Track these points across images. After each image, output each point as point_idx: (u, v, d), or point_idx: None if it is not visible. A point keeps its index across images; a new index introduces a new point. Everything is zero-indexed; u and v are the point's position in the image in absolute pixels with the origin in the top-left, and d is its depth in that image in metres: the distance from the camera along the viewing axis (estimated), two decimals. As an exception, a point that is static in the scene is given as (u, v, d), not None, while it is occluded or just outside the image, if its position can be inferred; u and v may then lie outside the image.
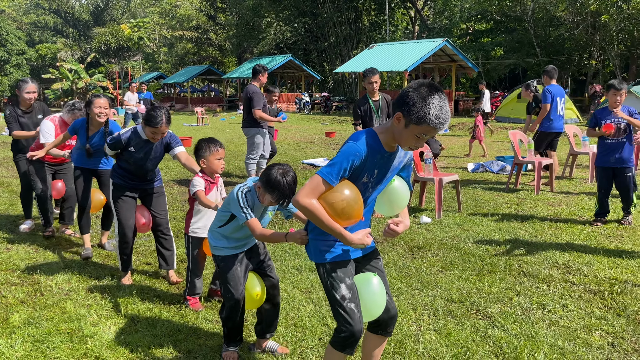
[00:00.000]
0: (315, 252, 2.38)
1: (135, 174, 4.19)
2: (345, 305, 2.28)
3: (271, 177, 2.72)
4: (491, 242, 5.22)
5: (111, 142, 4.09)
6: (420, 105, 2.03)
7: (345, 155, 2.16)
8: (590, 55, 28.18)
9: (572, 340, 3.20)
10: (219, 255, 3.04)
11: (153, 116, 3.87)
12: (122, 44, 38.99)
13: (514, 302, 3.79)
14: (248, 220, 2.79)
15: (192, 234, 3.74)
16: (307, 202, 2.17)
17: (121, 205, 4.20)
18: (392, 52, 24.69)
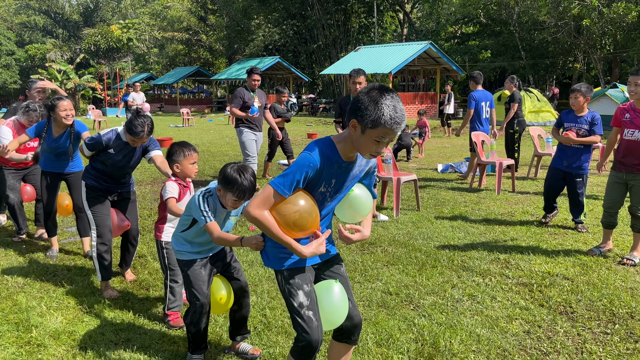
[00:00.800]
0: (273, 259, 2.33)
1: (111, 176, 4.09)
2: (303, 313, 2.24)
3: (227, 174, 2.70)
4: (440, 238, 5.42)
5: (90, 143, 3.96)
6: (373, 108, 1.99)
7: (298, 167, 2.11)
8: (575, 59, 28.56)
9: (490, 328, 3.39)
10: (182, 259, 3.02)
11: (135, 126, 3.78)
12: (112, 45, 39.01)
13: (447, 294, 3.97)
14: (207, 223, 2.76)
15: (167, 239, 3.53)
16: (257, 213, 2.13)
17: (96, 206, 4.06)
18: (377, 54, 24.92)
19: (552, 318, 3.55)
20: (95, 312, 3.71)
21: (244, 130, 7.69)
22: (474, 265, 4.58)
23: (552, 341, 3.23)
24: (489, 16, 29.50)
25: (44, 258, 4.96)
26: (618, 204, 4.71)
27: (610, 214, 4.74)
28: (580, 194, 5.58)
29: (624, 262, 4.56)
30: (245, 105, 7.58)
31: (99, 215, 4.05)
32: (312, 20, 34.44)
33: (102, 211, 4.07)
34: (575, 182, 5.56)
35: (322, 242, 2.24)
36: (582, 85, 5.57)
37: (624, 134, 4.62)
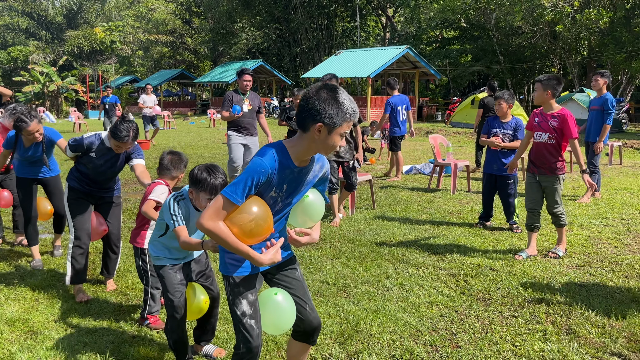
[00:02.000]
0: (223, 264, 2.35)
1: (94, 180, 4.08)
2: (245, 321, 2.28)
3: (195, 175, 2.74)
4: (387, 234, 5.75)
5: (73, 144, 3.95)
6: (336, 108, 2.05)
7: (249, 172, 2.09)
8: (552, 64, 29.18)
9: (410, 313, 3.72)
10: (158, 265, 3.06)
11: (120, 130, 3.76)
12: (95, 47, 39.00)
13: (380, 284, 4.30)
14: (176, 227, 2.79)
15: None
16: (210, 225, 2.09)
17: (76, 208, 4.04)
18: (357, 58, 25.31)
19: (469, 304, 3.89)
20: (50, 303, 3.98)
21: (230, 134, 7.45)
22: (412, 258, 4.92)
23: (462, 323, 3.57)
24: (469, 21, 30.07)
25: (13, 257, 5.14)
26: (538, 203, 4.92)
27: (533, 214, 4.93)
28: (510, 195, 5.83)
29: (549, 255, 4.90)
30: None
31: (78, 218, 4.03)
32: (295, 23, 34.79)
33: (81, 214, 4.04)
34: (506, 184, 5.81)
35: (277, 249, 2.23)
36: (504, 93, 5.96)
37: (534, 136, 4.91)
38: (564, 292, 4.07)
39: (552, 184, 4.81)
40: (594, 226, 5.97)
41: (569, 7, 22.39)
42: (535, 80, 5.49)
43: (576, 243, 5.32)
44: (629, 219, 6.29)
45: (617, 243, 5.33)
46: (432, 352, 3.20)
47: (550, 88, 4.73)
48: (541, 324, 3.54)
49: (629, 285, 4.21)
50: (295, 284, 2.44)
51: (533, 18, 24.26)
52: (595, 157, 7.45)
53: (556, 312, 3.72)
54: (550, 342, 3.27)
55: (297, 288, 2.43)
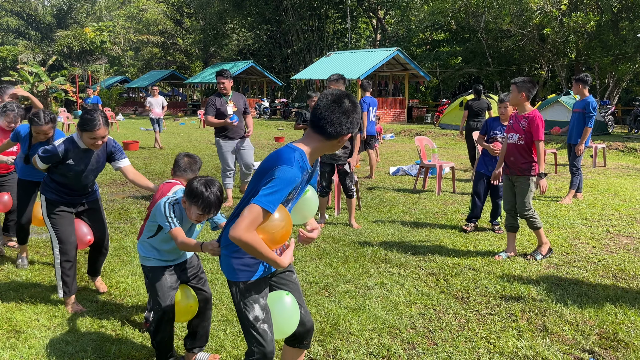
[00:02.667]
0: (230, 270, 2.30)
1: (74, 187, 3.83)
2: (259, 326, 2.26)
3: (192, 187, 2.69)
4: (372, 235, 5.82)
5: (45, 156, 3.64)
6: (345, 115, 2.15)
7: (285, 183, 2.08)
8: (540, 66, 29.47)
9: (390, 311, 3.79)
10: (147, 265, 3.01)
11: (89, 119, 3.51)
12: (85, 47, 38.81)
13: (362, 283, 4.37)
14: (172, 229, 2.76)
15: None
16: (249, 237, 2.05)
17: (58, 221, 3.80)
18: (347, 60, 25.41)
19: (447, 302, 3.97)
20: (33, 302, 4.01)
21: (219, 141, 7.11)
22: (394, 258, 4.99)
23: (440, 321, 3.65)
24: (459, 23, 30.29)
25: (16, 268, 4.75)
26: (514, 204, 4.98)
27: (511, 215, 5.03)
28: (501, 196, 5.79)
29: (528, 257, 4.95)
30: (219, 112, 6.96)
31: (62, 232, 3.79)
32: (286, 25, 34.84)
33: (65, 226, 3.81)
34: (498, 187, 5.82)
35: (291, 251, 2.28)
36: (507, 96, 5.73)
37: (507, 138, 5.01)
38: (540, 290, 4.16)
39: (522, 184, 4.87)
40: (573, 227, 6.08)
41: (556, 10, 22.64)
42: (510, 82, 5.55)
43: (555, 243, 5.42)
44: (608, 219, 6.41)
45: (595, 243, 5.44)
46: (409, 349, 3.27)
47: (524, 90, 4.82)
48: (516, 321, 3.63)
49: (604, 284, 4.31)
50: (292, 287, 2.48)
51: (521, 21, 24.50)
52: (577, 158, 7.57)
53: (531, 310, 3.81)
54: (523, 339, 3.35)
55: (293, 291, 2.46)
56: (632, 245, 5.38)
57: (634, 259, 4.92)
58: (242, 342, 3.31)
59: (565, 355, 3.16)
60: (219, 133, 7.09)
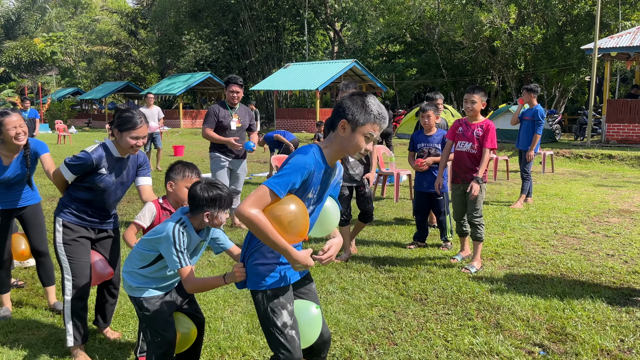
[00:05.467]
0: (255, 279, 2.24)
1: (98, 206, 3.30)
2: (287, 332, 2.21)
3: (211, 195, 2.49)
4: (332, 242, 5.90)
5: (75, 163, 3.14)
6: (361, 107, 2.15)
7: (294, 168, 2.08)
8: (492, 77, 30.56)
9: (351, 314, 3.88)
10: (140, 296, 2.69)
11: (129, 117, 3.12)
12: (35, 58, 37.67)
13: (324, 288, 4.44)
14: (183, 267, 2.44)
15: None
16: (251, 212, 2.04)
17: (75, 250, 3.23)
18: (305, 71, 25.64)
19: (406, 304, 4.09)
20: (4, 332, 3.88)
21: (215, 155, 6.10)
22: (354, 263, 5.09)
23: (400, 322, 3.76)
24: (413, 36, 31.07)
25: None
26: (464, 213, 5.01)
27: (460, 224, 5.11)
28: (442, 212, 5.61)
29: (462, 270, 4.81)
30: (220, 125, 5.95)
31: (77, 263, 3.22)
32: (244, 36, 34.85)
33: (81, 257, 3.25)
34: (438, 201, 5.59)
35: (310, 252, 2.18)
36: (430, 104, 5.62)
37: (457, 146, 4.96)
38: (494, 290, 4.34)
39: (470, 183, 4.72)
40: (524, 229, 6.35)
41: (505, 24, 23.59)
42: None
43: (508, 245, 5.66)
44: (556, 222, 6.73)
45: (544, 244, 5.71)
46: (370, 350, 3.36)
47: (484, 98, 4.91)
48: (472, 320, 3.78)
49: (553, 282, 4.53)
50: (312, 297, 2.45)
51: (473, 34, 25.38)
52: (527, 164, 7.92)
53: (486, 308, 3.97)
54: (478, 336, 3.49)
55: (313, 301, 2.45)
56: (578, 245, 5.67)
57: (580, 258, 5.19)
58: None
59: (517, 350, 3.32)
60: (216, 147, 6.09)
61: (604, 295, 4.19)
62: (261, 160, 15.00)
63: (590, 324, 3.68)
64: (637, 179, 10.68)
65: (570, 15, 23.40)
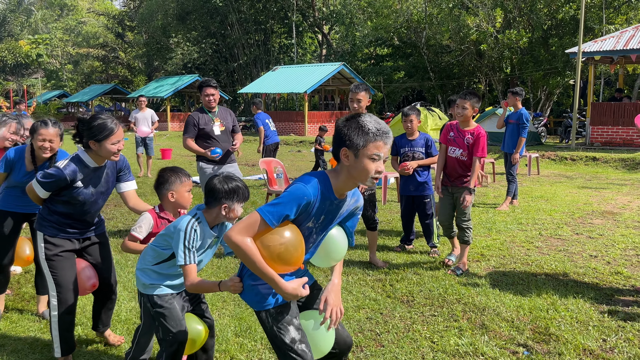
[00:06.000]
0: (257, 299, 2.23)
1: (79, 218, 3.20)
2: (297, 347, 2.19)
3: (229, 187, 2.52)
4: (320, 245, 5.94)
5: (48, 181, 3.01)
6: (357, 129, 2.04)
7: (291, 198, 2.03)
8: (478, 80, 30.85)
9: (338, 317, 3.91)
10: (154, 294, 2.71)
11: (102, 124, 2.97)
12: (20, 61, 37.29)
13: (311, 291, 4.47)
14: (186, 265, 2.47)
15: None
16: (239, 239, 2.01)
17: (59, 264, 3.15)
18: (294, 74, 25.69)
19: (393, 306, 4.13)
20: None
21: (202, 165, 5.81)
22: (342, 266, 5.11)
23: (386, 324, 3.80)
24: (401, 39, 31.27)
25: None
26: (451, 217, 5.07)
27: (446, 227, 5.12)
28: (429, 215, 5.57)
29: (449, 272, 4.89)
30: (203, 133, 5.67)
31: (63, 276, 3.14)
32: (232, 39, 34.82)
33: (66, 270, 3.16)
34: (424, 204, 5.55)
35: (303, 282, 2.15)
36: (413, 108, 5.54)
37: (448, 151, 4.99)
38: (479, 292, 4.39)
39: (463, 194, 4.83)
40: (510, 231, 6.43)
41: (491, 27, 23.84)
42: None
43: (493, 247, 5.73)
44: (541, 224, 6.82)
45: (529, 246, 5.79)
46: (357, 352, 3.39)
47: (477, 105, 4.90)
48: (457, 321, 3.83)
49: (537, 283, 4.60)
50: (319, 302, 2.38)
51: (459, 37, 25.64)
52: (512, 167, 8.02)
53: (471, 310, 4.03)
54: (464, 337, 3.54)
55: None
56: (562, 246, 5.76)
57: (564, 259, 5.27)
58: None
59: (502, 350, 3.37)
60: (202, 157, 5.81)
61: (587, 296, 4.27)
62: (249, 163, 15.00)
63: (573, 324, 3.74)
64: (620, 180, 10.85)
65: (555, 19, 23.72)
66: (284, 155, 17.00)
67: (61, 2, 50.10)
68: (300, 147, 20.36)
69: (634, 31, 15.36)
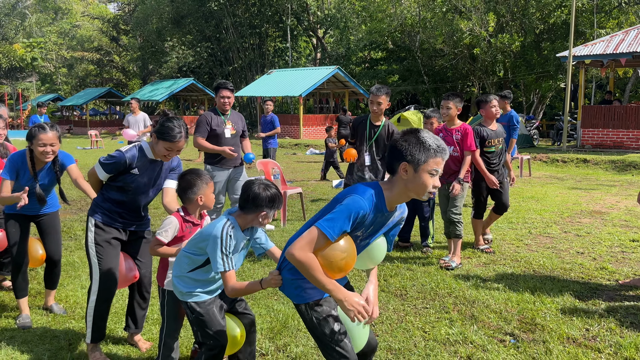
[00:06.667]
0: (297, 292, 2.29)
1: (130, 207, 3.32)
2: (337, 338, 2.25)
3: (269, 194, 2.54)
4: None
5: (109, 162, 3.17)
6: (417, 144, 2.10)
7: (348, 211, 2.09)
8: (472, 84, 31.17)
9: (335, 310, 4.08)
10: (193, 301, 2.72)
11: (170, 128, 3.10)
12: (15, 64, 37.30)
13: (308, 286, 4.64)
14: (226, 271, 2.49)
15: (170, 288, 3.00)
16: (303, 256, 2.08)
17: (106, 250, 3.23)
18: (288, 78, 25.89)
19: (387, 299, 4.30)
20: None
21: (210, 169, 5.78)
22: (338, 263, 5.29)
23: (380, 316, 3.97)
24: (395, 43, 31.55)
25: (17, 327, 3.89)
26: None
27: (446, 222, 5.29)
28: (426, 218, 5.80)
29: (441, 264, 5.11)
30: (214, 134, 5.65)
31: (106, 262, 3.22)
32: (227, 43, 34.99)
33: (111, 258, 3.24)
34: (422, 207, 5.81)
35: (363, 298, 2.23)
36: (435, 111, 5.99)
37: None
38: (470, 286, 4.58)
39: (452, 183, 5.10)
40: (500, 230, 6.62)
41: (484, 31, 24.15)
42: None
43: (484, 244, 5.91)
44: (531, 222, 7.02)
45: (519, 243, 5.98)
46: (353, 341, 3.56)
47: (459, 105, 5.25)
48: (449, 313, 4.00)
49: (525, 278, 4.79)
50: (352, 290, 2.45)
51: (453, 41, 25.92)
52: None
53: (462, 302, 4.21)
54: (454, 327, 3.72)
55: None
56: (551, 244, 5.95)
57: (552, 256, 5.46)
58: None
59: (490, 338, 3.55)
60: (211, 159, 5.79)
61: (573, 289, 4.46)
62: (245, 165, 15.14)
63: (558, 315, 3.93)
64: (609, 182, 11.09)
65: (547, 23, 24.04)
66: (279, 158, 17.18)
67: (55, 6, 50.13)
68: (295, 150, 20.54)
69: (623, 35, 15.66)
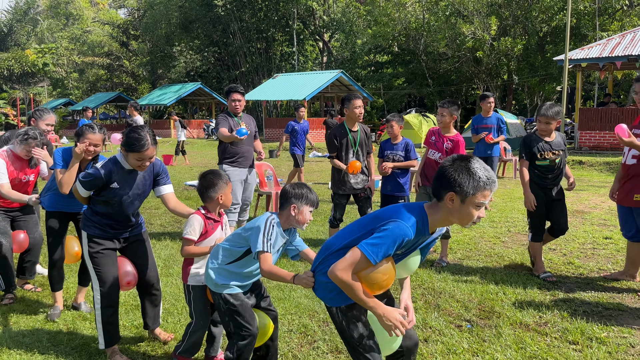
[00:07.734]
0: (330, 296, 2.36)
1: (118, 218, 3.43)
2: (365, 343, 2.31)
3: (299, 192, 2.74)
4: (305, 239, 6.44)
5: (87, 180, 3.26)
6: (467, 175, 2.08)
7: (393, 238, 2.12)
8: (476, 87, 31.37)
9: (311, 299, 4.41)
10: (227, 293, 2.87)
11: (136, 138, 3.18)
12: (27, 70, 38.08)
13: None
14: (264, 251, 2.63)
15: (194, 283, 3.17)
16: (345, 277, 2.13)
17: (102, 260, 3.38)
18: (293, 82, 26.30)
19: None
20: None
21: (227, 168, 5.96)
22: (321, 258, 5.63)
23: (352, 305, 4.30)
24: (400, 46, 31.86)
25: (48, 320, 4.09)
26: None
27: None
28: None
29: (435, 265, 5.36)
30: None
31: (104, 272, 3.37)
32: (234, 47, 35.52)
33: (108, 266, 3.40)
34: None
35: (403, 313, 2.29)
36: (395, 115, 5.92)
37: (428, 153, 5.49)
38: (440, 279, 4.90)
39: None
40: (481, 228, 6.93)
41: (487, 35, 24.38)
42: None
43: (462, 242, 6.23)
44: (512, 221, 7.31)
45: (496, 241, 6.29)
46: (324, 326, 3.90)
47: (456, 112, 5.33)
48: (415, 302, 4.33)
49: (494, 271, 5.10)
50: (388, 302, 2.48)
51: (456, 45, 26.17)
52: (492, 168, 8.51)
53: (430, 293, 4.53)
54: (418, 314, 4.05)
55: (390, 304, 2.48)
56: (526, 241, 6.23)
57: (524, 252, 5.76)
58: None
59: (447, 323, 3.88)
60: (227, 159, 6.03)
61: (536, 282, 4.76)
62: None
63: (517, 304, 4.24)
64: (601, 183, 11.31)
65: (550, 26, 24.21)
66: (283, 160, 17.53)
67: (67, 12, 51.06)
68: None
69: (620, 39, 15.86)
